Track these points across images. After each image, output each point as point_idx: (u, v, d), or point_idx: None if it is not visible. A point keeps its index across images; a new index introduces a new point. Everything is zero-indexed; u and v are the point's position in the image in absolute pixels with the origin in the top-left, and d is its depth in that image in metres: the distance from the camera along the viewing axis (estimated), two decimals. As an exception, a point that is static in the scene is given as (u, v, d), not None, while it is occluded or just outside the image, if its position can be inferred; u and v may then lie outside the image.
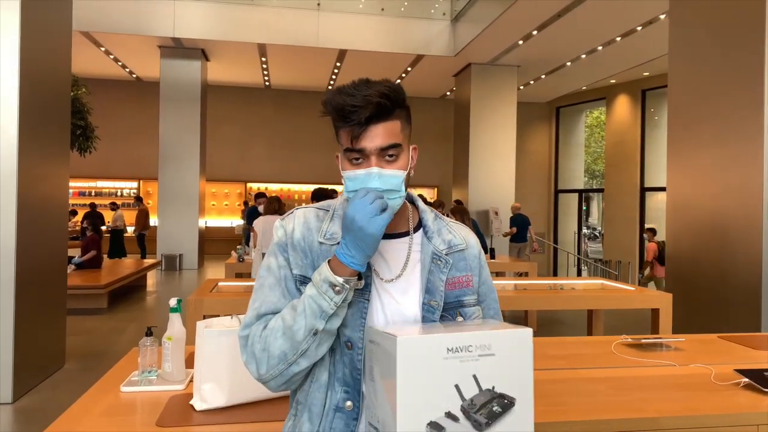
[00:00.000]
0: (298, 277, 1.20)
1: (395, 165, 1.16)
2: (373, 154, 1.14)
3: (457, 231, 1.30)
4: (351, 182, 1.17)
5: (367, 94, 1.12)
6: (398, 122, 1.17)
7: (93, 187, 15.89)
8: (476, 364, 0.99)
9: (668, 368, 2.26)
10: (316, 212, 1.26)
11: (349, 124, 1.13)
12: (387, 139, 1.14)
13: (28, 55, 4.26)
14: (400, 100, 1.17)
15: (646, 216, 12.80)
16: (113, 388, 1.85)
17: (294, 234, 1.22)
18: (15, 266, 4.09)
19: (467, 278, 1.26)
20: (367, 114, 1.11)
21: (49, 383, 4.57)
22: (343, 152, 1.18)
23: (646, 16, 9.02)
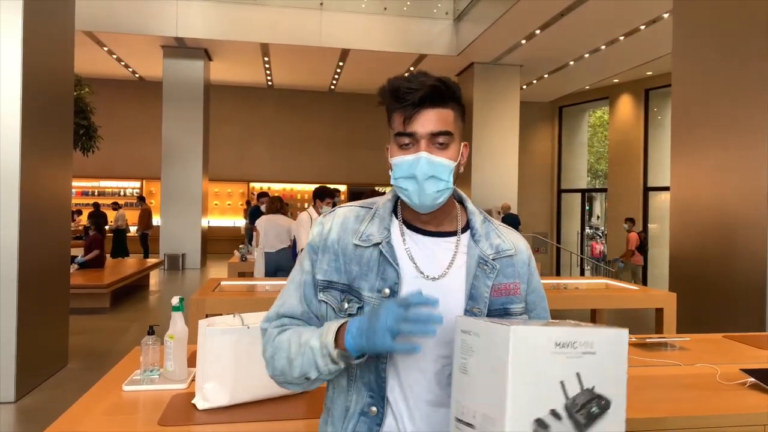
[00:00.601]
0: (320, 283, 1.19)
1: (445, 153, 1.14)
2: (424, 139, 1.12)
3: (506, 235, 1.26)
4: (398, 168, 1.15)
5: (423, 80, 1.12)
6: (452, 112, 1.15)
7: (96, 187, 15.92)
8: (579, 362, 0.96)
9: (674, 368, 2.24)
10: (357, 212, 1.24)
11: (403, 104, 1.12)
12: (439, 124, 1.13)
13: (30, 54, 4.25)
14: (455, 92, 1.16)
15: (650, 215, 12.76)
16: (115, 387, 1.84)
17: (330, 234, 1.21)
18: (17, 265, 4.09)
19: (515, 286, 1.21)
20: (422, 95, 1.10)
21: (52, 382, 4.57)
22: (394, 138, 1.16)
23: (649, 15, 8.99)
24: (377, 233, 1.19)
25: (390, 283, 1.14)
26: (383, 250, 1.16)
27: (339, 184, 15.37)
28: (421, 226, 1.21)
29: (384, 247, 1.17)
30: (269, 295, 4.45)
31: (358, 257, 1.17)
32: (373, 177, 16.08)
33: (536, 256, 12.39)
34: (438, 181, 1.13)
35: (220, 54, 12.64)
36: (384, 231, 1.19)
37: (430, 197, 1.14)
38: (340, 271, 1.18)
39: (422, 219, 1.21)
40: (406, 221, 1.23)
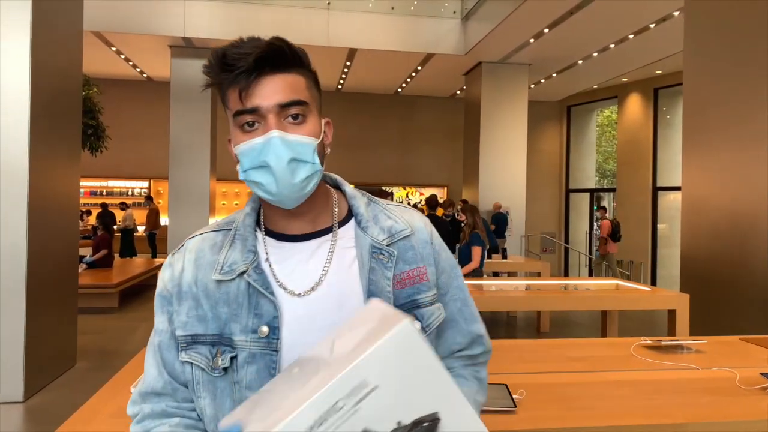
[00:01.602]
0: (183, 339, 0.94)
1: (302, 128, 0.91)
2: (271, 113, 0.89)
3: (398, 214, 1.03)
4: (246, 157, 0.91)
5: (255, 43, 0.90)
6: (302, 78, 0.93)
7: (104, 187, 15.96)
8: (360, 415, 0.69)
9: (691, 371, 2.20)
10: (212, 239, 1.00)
11: (235, 72, 0.88)
12: (288, 92, 0.90)
13: (39, 54, 4.25)
14: (300, 55, 0.94)
15: (659, 215, 12.67)
16: (123, 389, 1.82)
17: (183, 276, 0.96)
18: (26, 265, 4.09)
19: (419, 271, 0.99)
20: (257, 56, 0.87)
21: (60, 382, 4.57)
22: (233, 119, 0.93)
23: (659, 14, 8.91)
24: (241, 259, 0.94)
25: (267, 319, 0.91)
26: (250, 279, 0.92)
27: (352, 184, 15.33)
28: (291, 231, 0.98)
29: (250, 275, 0.93)
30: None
31: (224, 296, 0.93)
32: (381, 176, 16.06)
33: (544, 256, 12.47)
34: (301, 164, 0.90)
35: (227, 54, 12.63)
36: (249, 254, 0.95)
37: (295, 187, 0.90)
38: (205, 320, 0.93)
39: (293, 220, 0.97)
40: (272, 232, 0.99)
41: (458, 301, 1.06)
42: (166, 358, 0.96)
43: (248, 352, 0.90)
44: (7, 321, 4.04)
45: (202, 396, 0.93)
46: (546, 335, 6.22)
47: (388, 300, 0.95)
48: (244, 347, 0.90)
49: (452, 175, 16.03)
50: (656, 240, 12.64)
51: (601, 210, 11.55)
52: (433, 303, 1.00)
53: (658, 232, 12.64)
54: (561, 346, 2.54)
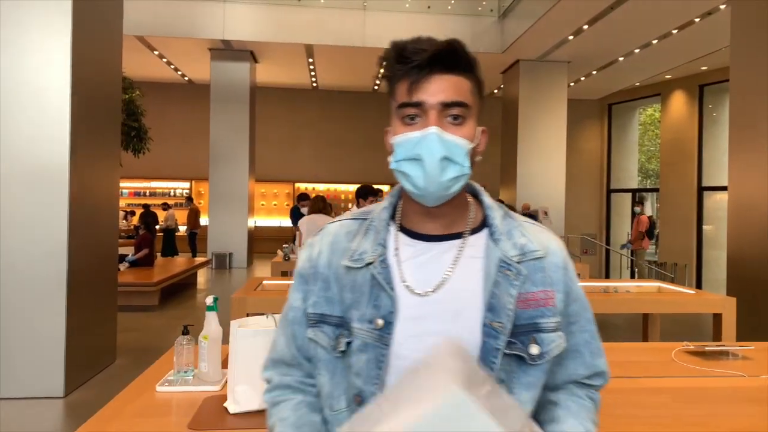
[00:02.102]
0: (312, 317, 1.00)
1: (460, 130, 0.93)
2: (434, 110, 0.92)
3: (532, 234, 1.01)
4: (401, 148, 0.94)
5: (434, 41, 0.93)
6: (468, 82, 0.95)
7: (147, 188, 16.34)
8: None
9: (736, 379, 2.09)
10: (348, 226, 1.04)
11: (409, 66, 0.92)
12: (453, 93, 0.92)
13: (79, 58, 4.35)
14: (471, 61, 0.96)
15: (705, 216, 12.25)
16: (149, 388, 1.82)
17: (320, 258, 1.01)
18: (67, 263, 4.18)
19: (546, 294, 0.97)
20: (432, 54, 0.91)
21: (100, 378, 4.67)
22: (395, 111, 0.96)
23: (704, 7, 8.61)
24: (371, 250, 0.98)
25: (384, 312, 0.93)
26: (374, 272, 0.95)
27: (382, 184, 15.29)
28: (424, 231, 1.00)
29: (375, 267, 0.96)
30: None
31: (351, 282, 0.97)
32: (417, 177, 15.99)
33: (584, 258, 12.24)
34: (452, 164, 0.92)
35: (265, 56, 12.79)
36: (378, 247, 0.98)
37: (442, 185, 0.92)
38: (332, 302, 0.98)
39: (428, 220, 0.99)
40: (405, 228, 1.01)
41: (586, 332, 1.04)
42: (297, 333, 1.03)
43: (362, 341, 0.94)
44: (49, 317, 4.15)
45: (322, 374, 0.99)
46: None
47: (507, 316, 0.94)
48: (359, 335, 0.95)
49: (490, 175, 15.84)
50: (701, 242, 12.22)
51: (639, 205, 11.32)
52: (556, 330, 0.97)
53: (704, 233, 12.22)
54: (597, 350, 2.45)
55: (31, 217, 4.15)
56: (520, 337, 0.94)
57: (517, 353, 0.94)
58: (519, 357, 0.94)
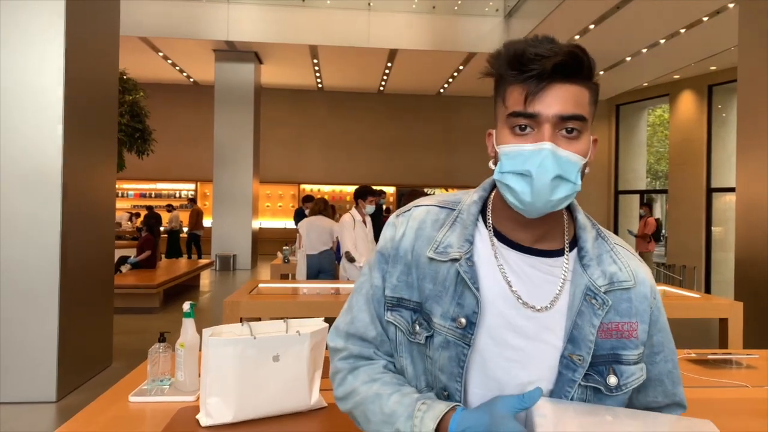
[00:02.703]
0: (391, 300, 0.97)
1: (575, 145, 0.87)
2: (548, 123, 0.85)
3: (624, 260, 0.97)
4: (509, 160, 0.87)
5: (554, 46, 0.86)
6: (587, 92, 0.88)
7: (153, 189, 16.34)
8: None
9: (740, 390, 1.99)
10: (436, 214, 0.99)
11: (527, 74, 0.85)
12: (571, 105, 0.85)
13: (73, 57, 4.30)
14: (593, 67, 0.89)
15: (714, 218, 12.08)
16: (122, 398, 1.75)
17: (403, 241, 0.98)
18: (59, 266, 4.13)
19: (630, 327, 0.93)
20: (554, 62, 0.83)
21: (95, 382, 4.61)
22: (506, 119, 0.89)
23: (713, 6, 8.46)
24: (457, 245, 0.94)
25: (467, 312, 0.91)
26: (461, 270, 0.92)
27: (388, 185, 15.28)
28: (515, 239, 0.95)
29: (462, 265, 0.92)
30: (308, 299, 4.35)
31: (432, 273, 0.94)
32: (423, 178, 15.92)
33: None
34: (564, 182, 0.86)
35: (270, 57, 12.75)
36: (465, 243, 0.95)
37: (550, 203, 0.88)
38: (411, 287, 0.96)
39: (521, 229, 0.95)
40: (495, 229, 0.97)
41: (669, 362, 1.01)
42: (379, 312, 0.99)
43: (444, 338, 0.92)
44: (41, 320, 4.09)
45: (404, 356, 0.98)
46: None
47: (588, 348, 0.90)
48: (441, 331, 0.92)
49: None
50: (710, 244, 12.05)
51: (646, 207, 11.21)
52: (637, 362, 0.94)
53: (713, 235, 12.05)
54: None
55: (24, 218, 4.09)
56: (599, 368, 0.91)
57: (594, 385, 0.91)
58: (597, 389, 0.92)
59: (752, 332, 4.27)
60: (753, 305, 4.42)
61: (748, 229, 5.20)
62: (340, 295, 4.46)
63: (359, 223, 5.40)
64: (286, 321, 1.64)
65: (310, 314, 4.33)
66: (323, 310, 3.94)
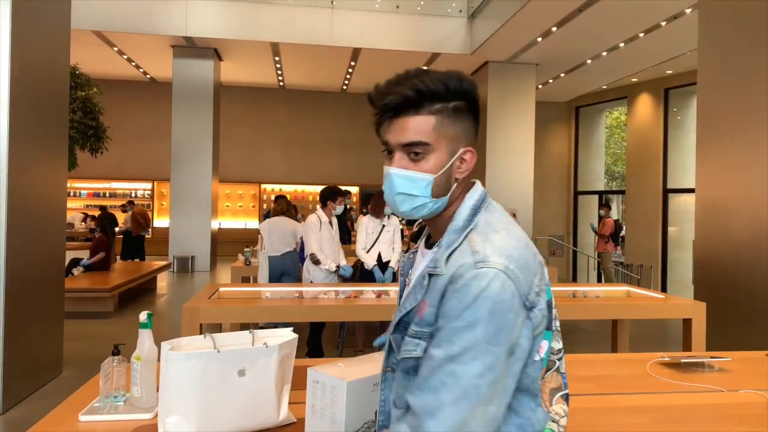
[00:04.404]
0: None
1: (421, 166, 1.04)
2: (397, 150, 1.05)
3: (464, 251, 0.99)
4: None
5: (396, 86, 1.03)
6: (433, 118, 1.03)
7: (107, 188, 15.82)
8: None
9: (715, 394, 1.96)
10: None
11: (378, 111, 1.06)
12: (411, 134, 1.03)
13: (19, 52, 4.05)
14: (438, 93, 1.02)
15: (670, 218, 12.38)
16: (71, 416, 1.60)
17: None
18: (5, 270, 3.89)
19: (425, 303, 1.01)
20: (389, 102, 1.02)
21: (44, 392, 4.37)
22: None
23: (670, 11, 8.65)
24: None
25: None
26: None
27: (351, 185, 15.13)
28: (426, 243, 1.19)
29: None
30: (271, 303, 4.21)
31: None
32: (386, 178, 15.82)
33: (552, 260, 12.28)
34: (410, 198, 1.06)
35: (230, 54, 12.48)
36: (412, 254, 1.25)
37: (404, 213, 1.09)
38: None
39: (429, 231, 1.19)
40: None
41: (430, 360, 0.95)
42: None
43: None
44: (-15, 328, 3.85)
45: None
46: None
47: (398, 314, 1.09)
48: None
49: (458, 177, 15.78)
50: (667, 243, 12.35)
51: (605, 208, 11.41)
52: (417, 338, 1.01)
53: (669, 235, 12.35)
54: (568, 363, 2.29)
55: (-34, 220, 3.84)
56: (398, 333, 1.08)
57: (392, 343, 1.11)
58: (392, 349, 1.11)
59: (712, 332, 4.33)
60: (712, 305, 4.48)
61: (707, 229, 5.29)
62: (304, 298, 4.34)
63: (325, 225, 5.27)
64: (252, 332, 1.52)
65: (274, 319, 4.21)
66: (287, 315, 3.81)
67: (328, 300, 4.21)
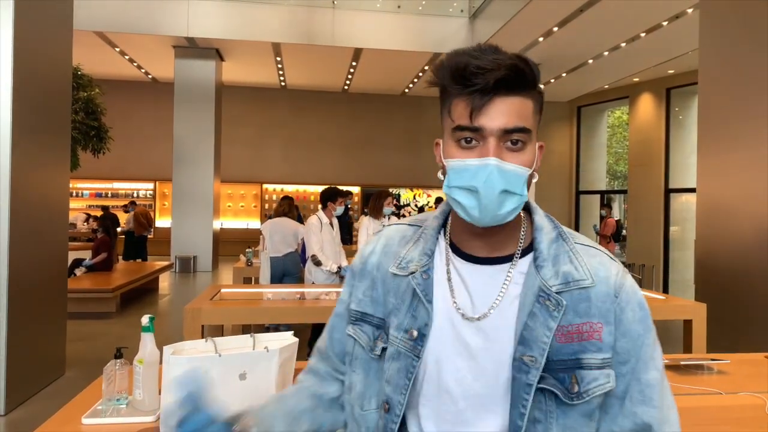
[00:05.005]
0: (354, 314, 1.00)
1: (520, 157, 0.87)
2: (493, 136, 0.85)
3: (583, 259, 0.92)
4: (456, 175, 0.87)
5: (497, 57, 0.85)
6: (531, 103, 0.88)
7: (109, 189, 15.85)
8: None
9: (714, 397, 1.98)
10: (403, 231, 1.03)
11: (470, 89, 0.84)
12: (515, 118, 0.85)
13: (23, 51, 4.07)
14: (537, 76, 0.88)
15: (671, 218, 12.38)
16: (74, 419, 1.62)
17: (371, 257, 1.03)
18: (8, 271, 3.91)
19: (591, 327, 0.87)
20: (497, 77, 0.83)
21: (47, 393, 4.39)
22: (452, 132, 0.88)
23: (672, 11, 8.65)
24: (417, 259, 0.96)
25: (420, 324, 0.91)
26: (414, 283, 0.94)
27: (352, 185, 15.16)
28: (472, 251, 0.95)
29: (416, 277, 0.94)
30: (273, 304, 4.23)
31: (395, 287, 0.96)
32: (387, 178, 15.86)
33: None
34: (510, 195, 0.87)
35: (232, 54, 12.50)
36: (423, 257, 0.96)
37: (499, 217, 0.88)
38: (377, 303, 0.98)
39: (476, 239, 0.94)
40: (454, 243, 0.97)
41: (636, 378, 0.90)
42: (335, 325, 1.06)
43: (396, 349, 0.93)
44: (-12, 329, 3.87)
45: (357, 372, 0.98)
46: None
47: (541, 350, 0.86)
48: (394, 342, 0.93)
49: (460, 177, 15.79)
50: (668, 243, 12.34)
51: (606, 208, 11.43)
52: (602, 367, 0.87)
53: (671, 234, 12.34)
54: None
55: (-31, 221, 3.86)
56: (559, 374, 0.86)
57: (552, 389, 0.86)
58: (556, 396, 0.86)
59: (713, 333, 4.33)
60: (715, 306, 4.49)
61: (708, 229, 5.30)
62: (306, 300, 4.35)
63: (326, 226, 5.29)
64: (253, 336, 1.54)
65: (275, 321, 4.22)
66: (289, 317, 3.83)
67: (330, 301, 4.22)
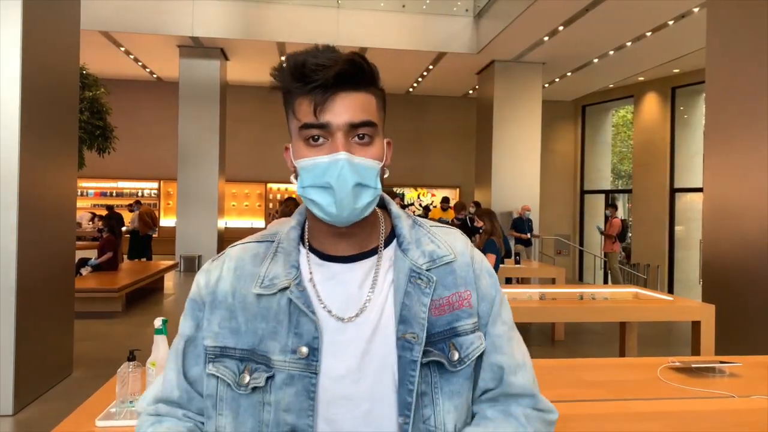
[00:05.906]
0: (213, 351, 0.91)
1: (369, 151, 0.88)
2: (341, 132, 0.86)
3: (441, 238, 0.97)
4: (308, 174, 0.87)
5: (334, 55, 0.86)
6: (374, 98, 0.90)
7: (114, 188, 15.89)
8: None
9: (726, 400, 1.97)
10: (254, 250, 0.96)
11: (311, 85, 0.85)
12: (359, 112, 0.86)
13: (31, 51, 4.09)
14: (375, 73, 0.90)
15: (676, 217, 12.35)
16: (88, 421, 1.63)
17: (220, 284, 0.93)
18: (16, 271, 3.92)
19: (459, 296, 0.92)
20: (336, 72, 0.83)
21: (55, 392, 4.41)
22: (299, 131, 0.89)
23: (678, 10, 8.62)
24: (283, 274, 0.91)
25: (308, 339, 0.87)
26: (292, 296, 0.88)
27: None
28: (338, 252, 0.93)
29: (293, 291, 0.89)
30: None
31: (263, 311, 0.89)
32: (392, 178, 15.65)
33: (558, 260, 12.26)
34: (364, 189, 0.87)
35: (236, 53, 12.51)
36: (291, 269, 0.92)
37: (356, 211, 0.87)
38: (238, 333, 0.90)
39: (340, 240, 0.93)
40: (315, 249, 0.95)
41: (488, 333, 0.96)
42: (188, 364, 0.95)
43: (287, 374, 0.87)
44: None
45: (224, 414, 0.90)
46: (561, 344, 5.97)
47: (420, 325, 0.88)
48: (282, 368, 0.87)
49: (464, 176, 15.79)
50: (674, 242, 12.32)
51: (612, 208, 11.41)
52: (474, 331, 0.93)
53: (676, 234, 12.31)
54: (578, 367, 2.31)
55: (-23, 221, 3.87)
56: (439, 345, 0.90)
57: (436, 359, 0.89)
58: (440, 365, 0.90)
59: (721, 334, 4.33)
60: (721, 306, 4.47)
61: (715, 230, 5.28)
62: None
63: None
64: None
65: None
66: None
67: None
